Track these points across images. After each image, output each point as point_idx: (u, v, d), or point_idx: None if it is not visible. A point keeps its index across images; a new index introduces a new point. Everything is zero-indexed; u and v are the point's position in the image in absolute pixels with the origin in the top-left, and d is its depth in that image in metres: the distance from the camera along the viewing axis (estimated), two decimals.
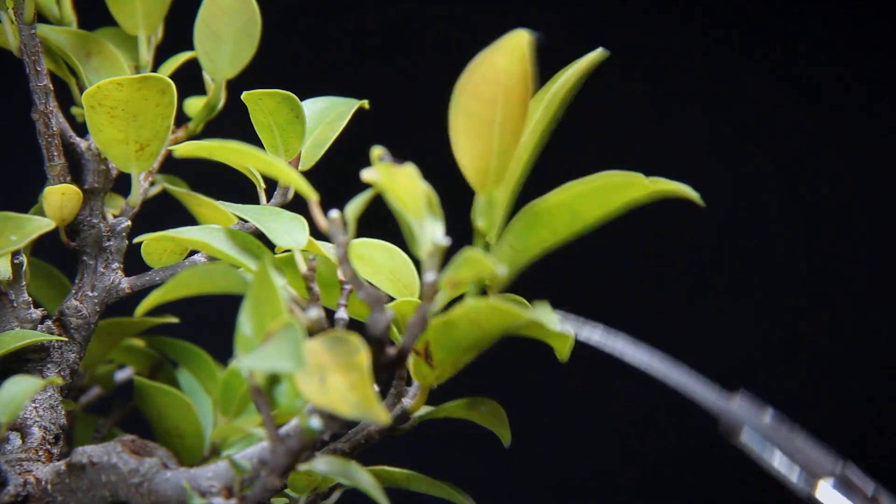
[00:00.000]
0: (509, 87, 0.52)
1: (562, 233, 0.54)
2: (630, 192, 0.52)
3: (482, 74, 0.52)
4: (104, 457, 0.58)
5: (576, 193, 0.53)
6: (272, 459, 0.52)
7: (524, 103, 0.52)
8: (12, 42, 0.66)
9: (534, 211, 0.53)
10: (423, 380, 0.58)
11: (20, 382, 0.57)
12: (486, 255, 0.50)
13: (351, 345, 0.49)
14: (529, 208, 0.54)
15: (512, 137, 0.53)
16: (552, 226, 0.54)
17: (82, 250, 0.67)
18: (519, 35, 0.51)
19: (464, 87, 0.52)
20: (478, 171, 0.54)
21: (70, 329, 0.66)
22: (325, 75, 1.25)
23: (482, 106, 0.52)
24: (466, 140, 0.53)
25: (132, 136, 0.64)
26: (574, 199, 0.53)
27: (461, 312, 0.52)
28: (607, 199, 0.53)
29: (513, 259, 0.55)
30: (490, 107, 0.52)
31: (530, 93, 0.52)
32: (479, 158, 0.53)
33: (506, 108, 0.52)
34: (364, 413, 0.47)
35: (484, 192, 0.54)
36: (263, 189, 0.66)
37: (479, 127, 0.53)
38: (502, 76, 0.52)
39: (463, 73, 0.52)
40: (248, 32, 0.68)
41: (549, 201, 0.53)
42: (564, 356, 0.61)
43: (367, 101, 0.69)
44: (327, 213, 0.53)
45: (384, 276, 0.63)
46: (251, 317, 0.51)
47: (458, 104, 0.52)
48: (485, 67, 0.52)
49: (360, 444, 0.62)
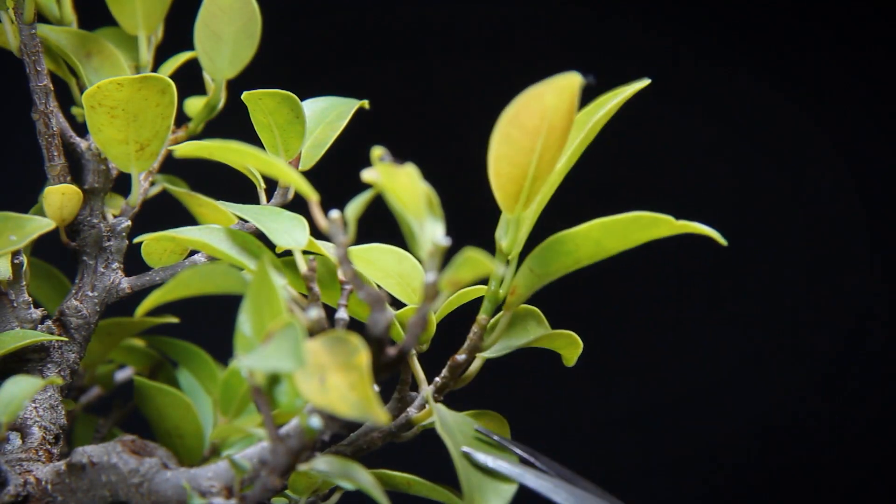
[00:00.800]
0: (553, 122, 0.54)
1: (584, 262, 0.57)
2: (656, 229, 0.55)
3: (528, 108, 0.54)
4: (104, 457, 0.58)
5: (603, 226, 0.56)
6: (272, 459, 0.52)
7: (565, 137, 0.55)
8: (12, 42, 0.66)
9: (559, 240, 0.56)
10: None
11: (20, 382, 0.57)
12: (486, 255, 0.50)
13: (351, 345, 0.49)
14: (555, 238, 0.56)
15: (548, 166, 0.56)
16: (576, 255, 0.57)
17: (82, 250, 0.67)
18: (570, 77, 0.54)
19: (509, 118, 0.54)
20: (509, 195, 0.56)
21: (70, 329, 0.66)
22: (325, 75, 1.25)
23: (525, 136, 0.55)
24: (504, 166, 0.55)
25: (132, 136, 0.64)
26: (601, 234, 0.56)
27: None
28: (633, 234, 0.56)
29: (531, 282, 0.58)
30: (532, 138, 0.55)
31: (571, 126, 0.55)
32: (513, 183, 0.56)
33: (547, 139, 0.55)
34: (363, 413, 0.47)
35: (512, 213, 0.56)
36: (263, 189, 0.66)
37: (518, 155, 0.55)
38: (549, 111, 0.54)
39: (510, 105, 0.54)
40: (248, 32, 0.68)
41: (576, 233, 0.56)
42: (571, 362, 0.62)
43: (367, 101, 0.69)
44: (327, 213, 0.53)
45: (393, 280, 0.63)
46: (251, 316, 0.51)
47: (501, 132, 0.54)
48: (532, 102, 0.54)
49: (361, 449, 0.62)
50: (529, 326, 0.62)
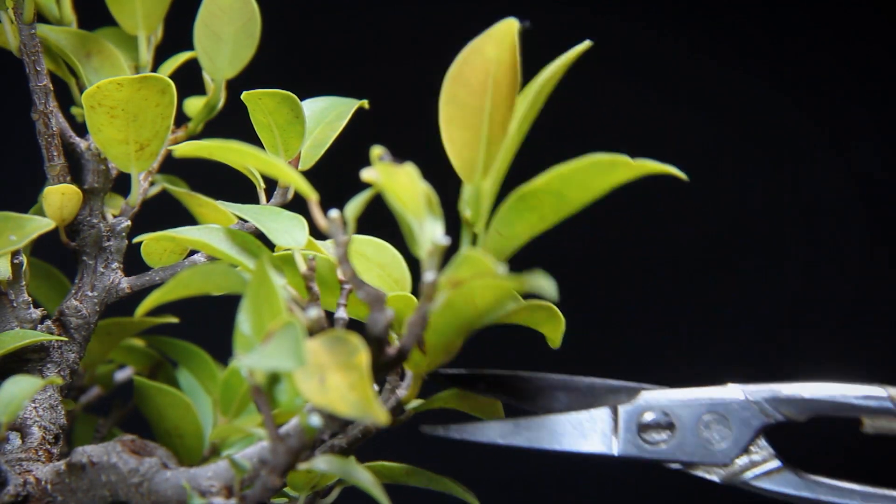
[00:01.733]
0: (498, 77, 0.52)
1: (549, 217, 0.53)
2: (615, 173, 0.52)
3: (471, 63, 0.52)
4: (104, 457, 0.58)
5: (561, 176, 0.52)
6: (272, 458, 0.52)
7: (512, 93, 0.53)
8: (12, 42, 0.66)
9: (520, 196, 0.53)
10: (416, 368, 0.58)
11: (20, 382, 0.57)
12: (487, 255, 0.50)
13: (351, 344, 0.49)
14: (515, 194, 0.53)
15: (500, 128, 0.53)
16: (540, 210, 0.53)
17: (82, 250, 0.67)
18: (507, 23, 0.52)
19: (453, 76, 0.52)
20: (466, 161, 0.54)
21: (70, 329, 0.66)
22: (325, 75, 1.25)
23: (471, 95, 0.52)
24: (455, 130, 0.53)
25: (132, 136, 0.64)
26: (560, 183, 0.52)
27: (455, 291, 0.52)
28: (593, 181, 0.52)
29: (501, 246, 0.55)
30: (479, 96, 0.52)
31: (518, 82, 0.53)
32: (468, 148, 0.53)
33: (495, 97, 0.53)
34: (363, 413, 0.47)
35: (472, 182, 0.54)
36: (263, 189, 0.67)
37: (468, 116, 0.53)
38: (491, 65, 0.52)
39: (453, 63, 0.52)
40: (248, 32, 0.68)
41: (535, 185, 0.53)
42: (557, 343, 0.61)
43: (367, 101, 0.69)
44: (327, 213, 0.53)
45: (375, 272, 0.63)
46: (250, 315, 0.51)
47: (448, 93, 0.53)
48: (474, 56, 0.52)
49: (357, 439, 0.62)
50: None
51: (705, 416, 0.60)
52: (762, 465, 0.61)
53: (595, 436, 0.60)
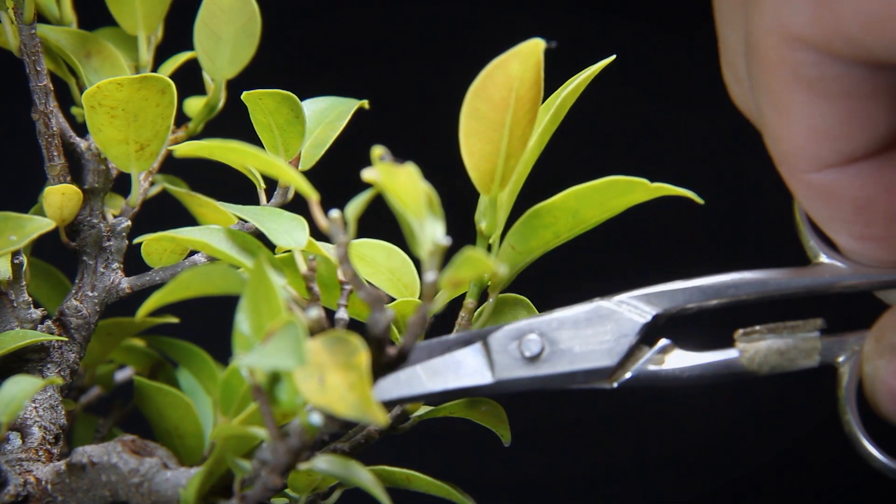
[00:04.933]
0: (521, 93, 0.53)
1: (564, 235, 0.55)
2: (632, 194, 0.54)
3: (494, 79, 0.53)
4: (104, 457, 0.58)
5: (578, 195, 0.54)
6: (273, 458, 0.52)
7: (535, 108, 0.54)
8: (12, 42, 0.66)
9: (535, 212, 0.54)
10: None
11: (20, 382, 0.57)
12: (487, 255, 0.50)
13: (351, 345, 0.49)
14: (532, 211, 0.55)
15: (520, 142, 0.54)
16: (555, 228, 0.55)
17: (82, 250, 0.67)
18: (533, 43, 0.53)
19: (476, 90, 0.53)
20: (483, 174, 0.55)
21: (70, 329, 0.66)
22: (325, 75, 1.25)
23: (493, 110, 0.53)
24: (475, 142, 0.54)
25: (132, 136, 0.64)
26: (576, 201, 0.54)
27: None
28: (610, 201, 0.54)
29: (514, 260, 0.56)
30: (501, 111, 0.53)
31: (541, 98, 0.53)
32: (486, 161, 0.54)
33: (516, 112, 0.53)
34: (362, 413, 0.47)
35: (489, 194, 0.55)
36: (263, 189, 0.67)
37: (489, 130, 0.54)
38: (515, 82, 0.53)
39: (477, 78, 0.53)
40: (248, 32, 0.68)
41: (551, 202, 0.54)
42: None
43: (367, 101, 0.69)
44: (327, 213, 0.53)
45: (384, 276, 0.63)
46: (249, 315, 0.51)
47: (469, 107, 0.53)
48: (498, 73, 0.53)
49: (360, 444, 0.62)
50: (519, 314, 0.61)
51: (582, 326, 0.57)
52: (651, 352, 0.58)
53: (469, 368, 0.57)
